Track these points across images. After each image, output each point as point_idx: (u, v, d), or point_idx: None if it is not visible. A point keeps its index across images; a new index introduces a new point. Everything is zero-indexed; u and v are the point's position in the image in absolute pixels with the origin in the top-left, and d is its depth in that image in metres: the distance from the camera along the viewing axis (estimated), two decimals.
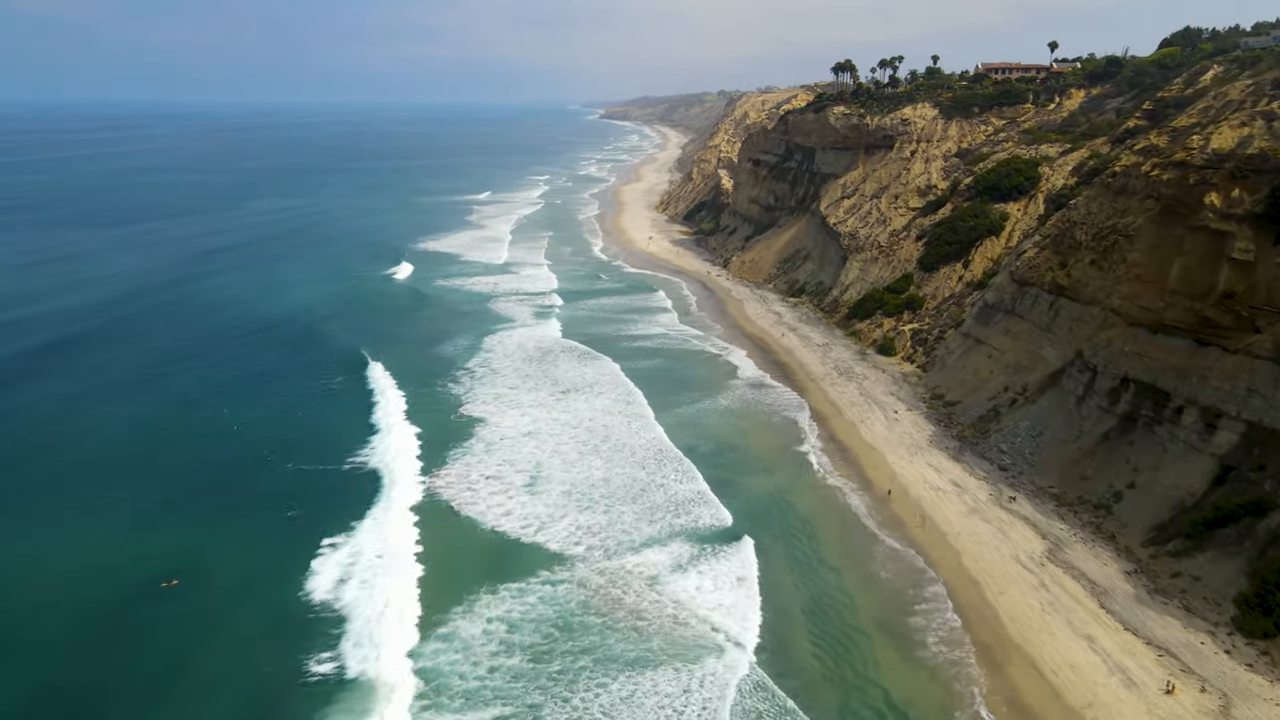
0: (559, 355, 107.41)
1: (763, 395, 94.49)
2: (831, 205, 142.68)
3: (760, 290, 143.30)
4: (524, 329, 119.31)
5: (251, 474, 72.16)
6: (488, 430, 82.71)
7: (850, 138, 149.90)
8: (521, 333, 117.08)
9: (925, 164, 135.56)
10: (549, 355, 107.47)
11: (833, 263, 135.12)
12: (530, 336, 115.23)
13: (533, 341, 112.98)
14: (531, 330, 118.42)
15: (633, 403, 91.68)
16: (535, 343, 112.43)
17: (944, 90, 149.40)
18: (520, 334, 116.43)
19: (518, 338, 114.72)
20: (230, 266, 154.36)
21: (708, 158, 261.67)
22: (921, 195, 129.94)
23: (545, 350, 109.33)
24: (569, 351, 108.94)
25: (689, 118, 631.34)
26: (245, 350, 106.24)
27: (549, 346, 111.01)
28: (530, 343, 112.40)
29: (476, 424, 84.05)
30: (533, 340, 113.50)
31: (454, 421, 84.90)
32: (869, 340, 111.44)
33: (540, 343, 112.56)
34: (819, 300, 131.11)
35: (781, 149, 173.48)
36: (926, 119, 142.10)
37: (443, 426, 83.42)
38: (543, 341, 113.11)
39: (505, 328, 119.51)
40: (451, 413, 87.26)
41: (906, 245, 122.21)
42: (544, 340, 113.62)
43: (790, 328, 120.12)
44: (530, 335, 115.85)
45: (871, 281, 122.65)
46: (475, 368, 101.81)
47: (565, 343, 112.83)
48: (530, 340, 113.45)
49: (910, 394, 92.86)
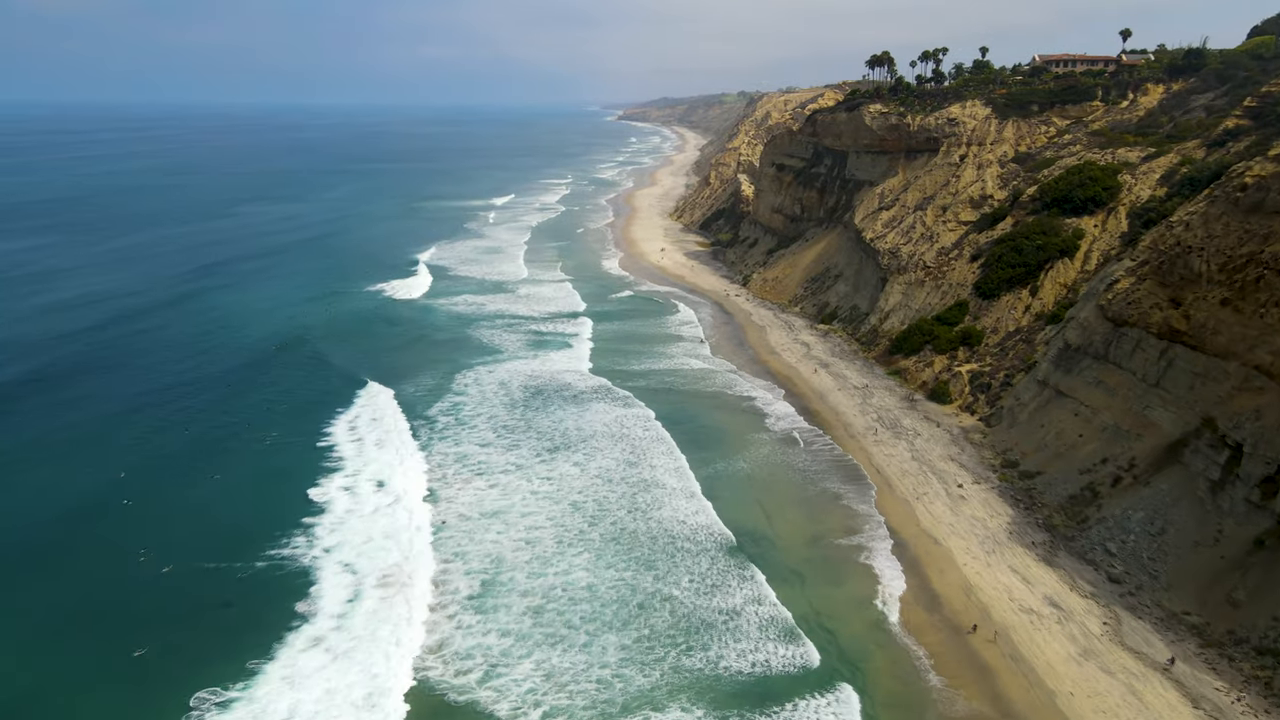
0: (548, 399, 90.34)
1: (793, 457, 76.91)
2: (868, 217, 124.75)
3: (785, 314, 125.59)
4: (511, 362, 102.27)
5: (117, 580, 55.35)
6: (440, 510, 65.70)
7: (888, 140, 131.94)
8: (507, 368, 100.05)
9: (978, 170, 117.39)
10: (536, 398, 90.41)
11: (869, 284, 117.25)
12: (517, 373, 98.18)
13: (519, 379, 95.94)
14: (519, 365, 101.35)
15: (637, 464, 74.59)
16: (522, 381, 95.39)
17: (996, 86, 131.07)
18: (506, 370, 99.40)
19: (502, 374, 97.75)
20: (204, 289, 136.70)
21: (726, 161, 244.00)
22: (975, 207, 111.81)
23: (533, 392, 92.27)
24: (560, 394, 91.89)
25: (708, 119, 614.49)
26: (189, 401, 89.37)
27: (538, 387, 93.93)
28: (516, 381, 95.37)
29: (420, 503, 67.11)
30: (519, 378, 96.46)
31: (394, 494, 68.04)
32: (916, 382, 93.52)
33: (528, 382, 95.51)
34: (854, 329, 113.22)
35: (809, 152, 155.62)
36: (977, 119, 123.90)
37: (379, 509, 66.54)
38: (531, 380, 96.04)
39: (488, 361, 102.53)
40: (399, 483, 70.41)
41: (959, 266, 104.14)
42: (532, 379, 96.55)
43: (822, 363, 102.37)
44: (517, 372, 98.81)
45: (917, 309, 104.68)
46: (440, 415, 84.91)
47: (557, 382, 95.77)
48: (516, 378, 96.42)
49: (974, 458, 74.96)
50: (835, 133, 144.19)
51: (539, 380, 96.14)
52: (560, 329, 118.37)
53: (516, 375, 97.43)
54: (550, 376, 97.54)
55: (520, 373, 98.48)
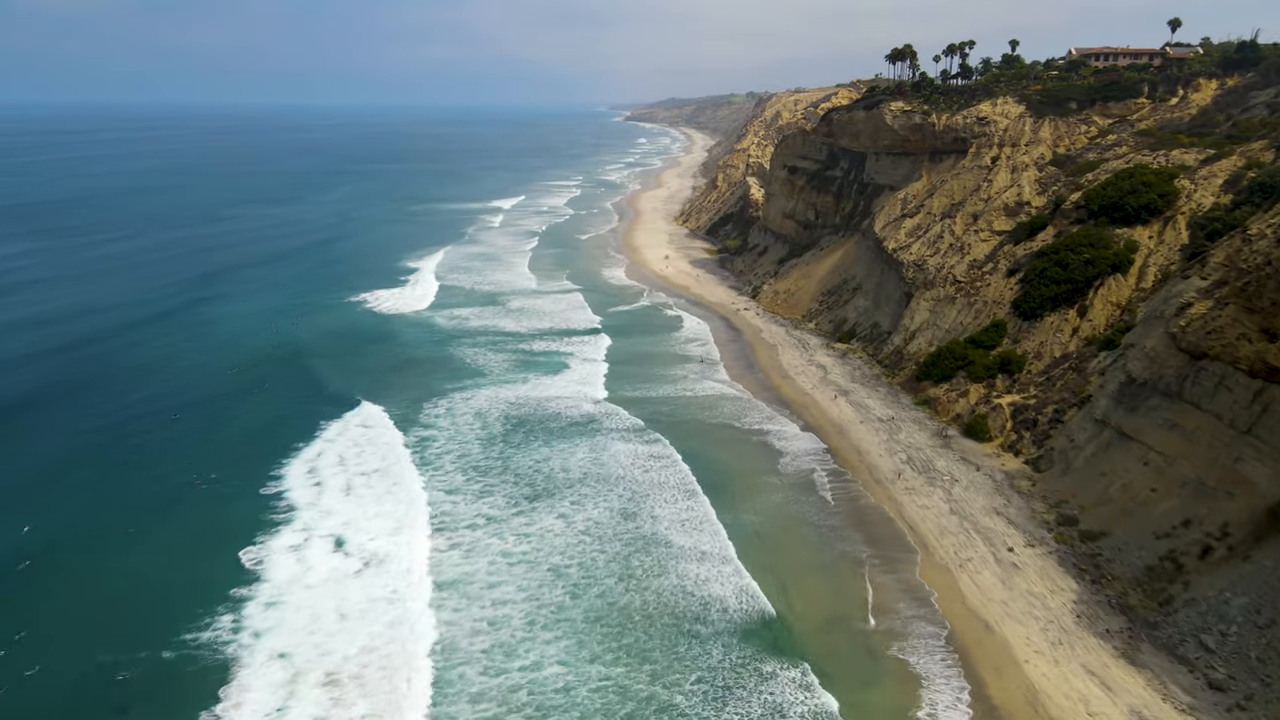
0: (533, 432, 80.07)
1: (810, 508, 66.33)
2: (889, 225, 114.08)
3: (798, 331, 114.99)
4: (493, 388, 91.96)
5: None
6: (384, 577, 55.41)
7: (911, 140, 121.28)
8: (488, 395, 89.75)
9: (1012, 174, 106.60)
10: (518, 432, 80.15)
11: (892, 300, 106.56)
12: (499, 401, 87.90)
13: (500, 409, 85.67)
14: (503, 392, 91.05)
15: (634, 516, 64.50)
16: (503, 411, 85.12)
17: (1030, 81, 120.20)
18: (486, 397, 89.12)
19: (482, 401, 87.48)
20: (178, 306, 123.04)
21: (734, 163, 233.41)
22: (1010, 215, 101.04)
23: (515, 424, 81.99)
24: (548, 426, 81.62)
25: (716, 119, 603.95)
26: (131, 436, 78.94)
27: (521, 417, 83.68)
28: (496, 411, 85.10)
29: (367, 568, 56.84)
30: (500, 407, 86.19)
31: (345, 554, 57.81)
32: (949, 414, 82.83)
33: (511, 411, 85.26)
34: (875, 349, 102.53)
35: (823, 154, 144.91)
36: (1010, 117, 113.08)
37: (332, 576, 56.34)
38: (514, 409, 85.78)
39: (469, 387, 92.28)
40: (348, 535, 60.20)
41: (994, 282, 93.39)
42: (516, 408, 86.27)
43: (841, 389, 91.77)
44: (499, 399, 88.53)
45: (947, 329, 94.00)
46: (413, 448, 74.73)
47: (544, 412, 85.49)
48: (497, 407, 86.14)
49: (1024, 511, 64.26)
50: (852, 133, 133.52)
51: (524, 409, 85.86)
52: (554, 348, 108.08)
53: (498, 404, 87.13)
54: (537, 405, 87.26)
55: (504, 401, 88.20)
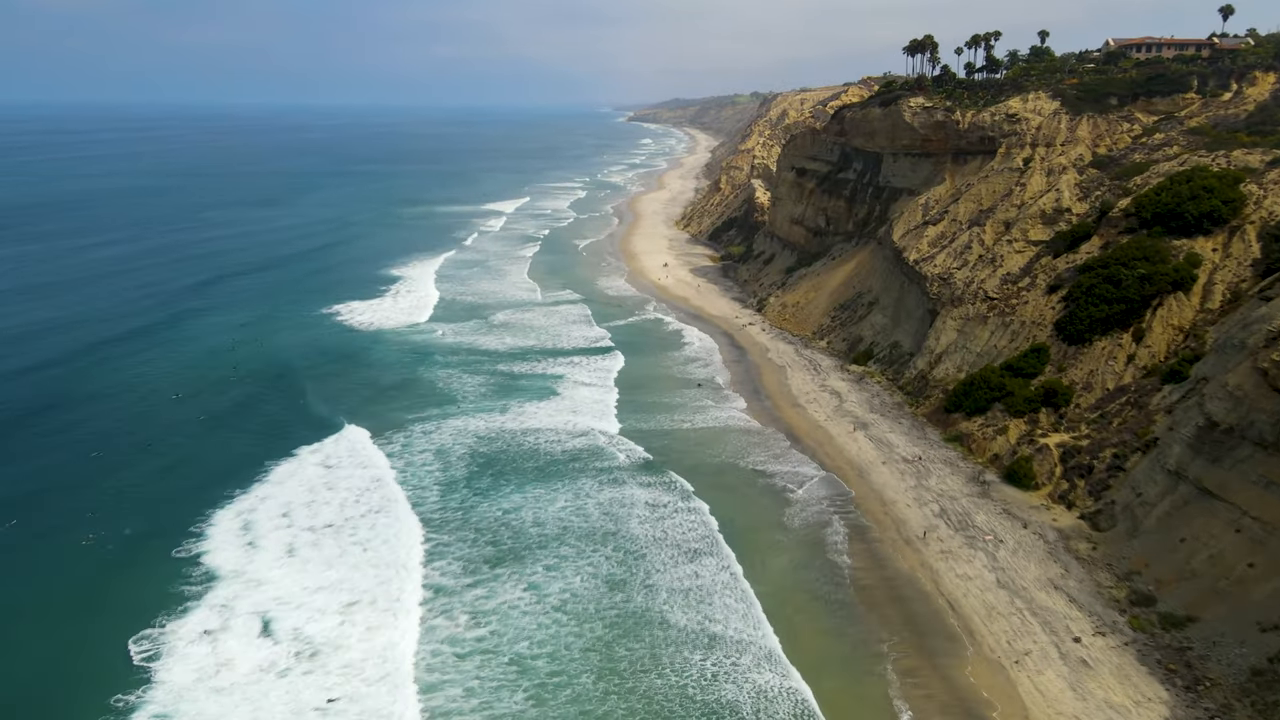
0: (502, 473, 69.35)
1: (827, 578, 55.51)
2: (910, 234, 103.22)
3: (809, 351, 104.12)
4: (463, 418, 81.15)
5: None
6: (321, 675, 44.67)
7: (933, 140, 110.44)
8: (456, 426, 78.95)
9: (1048, 177, 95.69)
10: (489, 472, 69.48)
11: (913, 317, 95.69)
12: (466, 434, 77.13)
13: (466, 444, 74.92)
14: (472, 422, 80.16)
15: (624, 585, 53.99)
16: (469, 446, 74.37)
17: (1065, 75, 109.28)
18: (453, 429, 78.32)
19: (445, 436, 76.72)
20: (141, 328, 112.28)
21: (739, 164, 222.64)
22: (1047, 223, 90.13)
23: (483, 462, 71.24)
24: (520, 464, 70.92)
25: (720, 120, 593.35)
26: (37, 481, 69.31)
27: (490, 455, 72.96)
28: (461, 447, 74.35)
29: (298, 662, 46.09)
30: (466, 441, 75.43)
31: (271, 641, 47.12)
32: (985, 454, 71.91)
33: (478, 446, 74.54)
34: (895, 373, 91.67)
35: (835, 155, 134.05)
36: (1043, 114, 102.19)
37: (251, 675, 45.65)
38: (483, 444, 75.05)
39: (433, 417, 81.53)
40: (272, 621, 49.53)
41: (1033, 299, 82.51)
42: (485, 442, 75.51)
43: (859, 421, 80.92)
44: (467, 432, 77.75)
45: (979, 353, 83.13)
46: (387, 491, 64.08)
47: (521, 447, 74.75)
48: (462, 441, 75.39)
49: (1087, 585, 53.34)
50: (867, 131, 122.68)
51: (496, 445, 75.16)
52: (539, 370, 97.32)
53: (466, 438, 76.36)
54: (514, 439, 76.53)
55: (474, 434, 77.48)
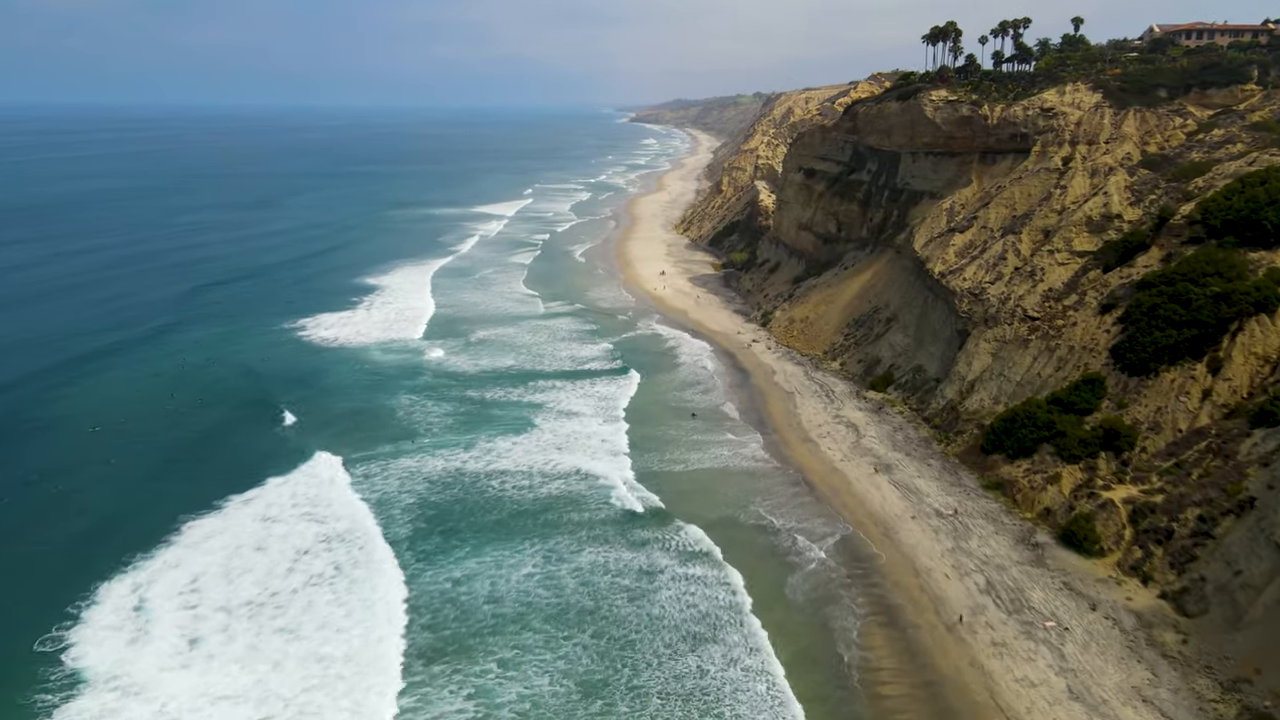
0: (453, 531, 58.08)
1: (851, 696, 44.19)
2: (933, 242, 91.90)
3: (820, 373, 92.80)
4: (415, 457, 69.79)
5: None
6: None
7: (957, 137, 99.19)
8: (405, 467, 67.71)
9: (1092, 179, 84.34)
10: (433, 530, 58.25)
11: (939, 337, 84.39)
12: (418, 476, 65.89)
13: (415, 491, 63.73)
14: (426, 462, 68.82)
15: (602, 690, 42.96)
16: (418, 496, 63.14)
17: (1106, 65, 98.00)
18: (402, 471, 67.09)
19: (393, 481, 65.47)
20: (103, 348, 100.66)
21: (741, 165, 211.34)
22: (1094, 231, 78.80)
23: (433, 517, 60.01)
24: (474, 518, 59.69)
25: (722, 120, 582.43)
26: None
27: (442, 507, 61.72)
28: (408, 495, 63.15)
29: None
30: (416, 488, 64.21)
31: None
32: (1034, 506, 60.54)
33: (429, 494, 63.33)
34: (920, 402, 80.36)
35: (847, 154, 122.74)
36: (1083, 108, 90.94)
37: None
38: (435, 490, 63.86)
39: (386, 456, 70.22)
40: None
41: (1083, 320, 71.16)
42: (436, 488, 64.27)
43: (880, 461, 69.57)
44: (419, 473, 66.47)
45: (1019, 381, 71.78)
46: (325, 556, 52.87)
47: (483, 493, 63.53)
48: (411, 488, 64.18)
49: (1185, 698, 41.91)
50: (883, 128, 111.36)
51: (459, 489, 64.02)
52: (516, 397, 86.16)
53: (417, 481, 65.17)
54: (478, 483, 65.36)
55: (431, 476, 66.26)
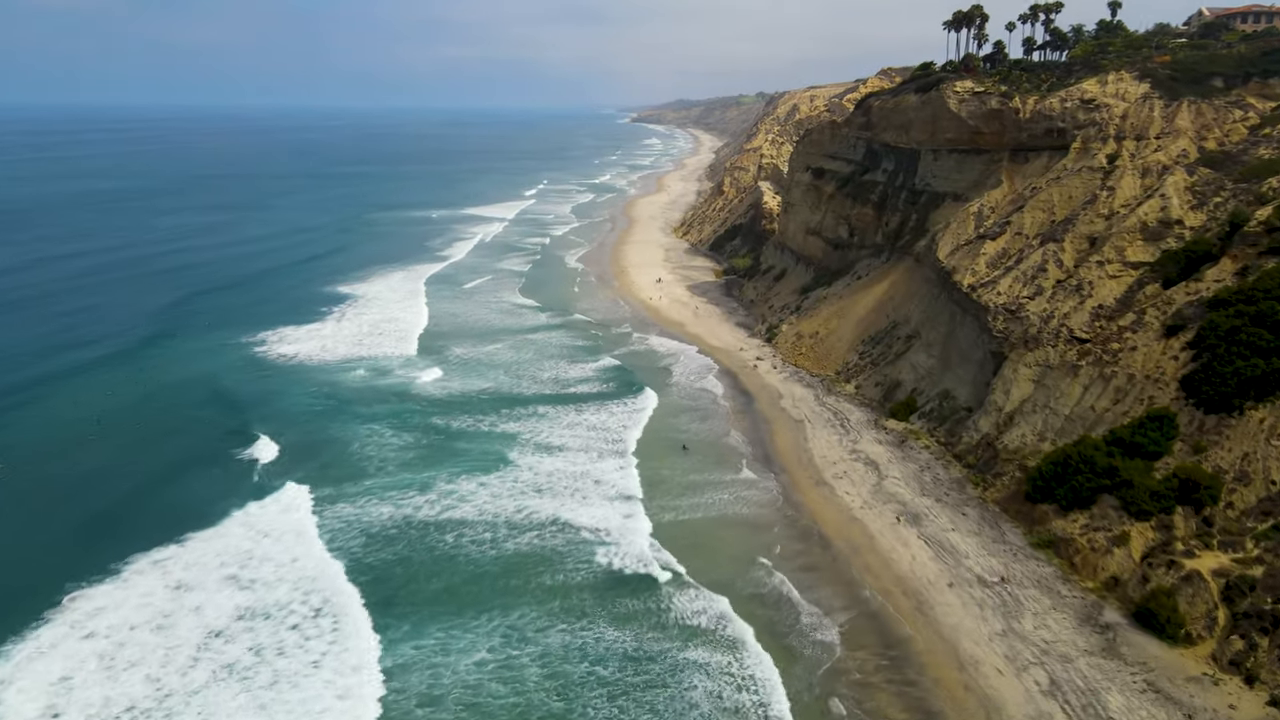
0: (390, 602, 47.96)
1: None
2: (960, 250, 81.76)
3: (832, 397, 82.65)
4: (359, 502, 59.73)
5: None
6: None
7: (985, 132, 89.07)
8: (343, 514, 57.53)
9: (1143, 179, 74.15)
10: (369, 601, 48.15)
11: (969, 359, 74.17)
12: (356, 525, 55.78)
13: (358, 536, 53.64)
14: (373, 509, 58.78)
15: None
16: (361, 545, 53.12)
17: (1154, 51, 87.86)
18: (340, 517, 56.97)
19: (329, 534, 55.38)
20: (37, 377, 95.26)
21: (744, 164, 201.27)
22: (1151, 239, 68.59)
23: (366, 591, 49.90)
24: (419, 586, 49.59)
25: (724, 120, 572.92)
26: None
27: (369, 585, 51.64)
28: (353, 535, 53.06)
29: None
30: (358, 535, 54.12)
31: None
32: (1096, 573, 50.33)
33: (364, 554, 53.27)
34: (949, 434, 70.16)
35: (860, 152, 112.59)
36: (1129, 99, 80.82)
37: None
38: (374, 549, 53.74)
39: (329, 500, 60.09)
40: None
41: (1144, 344, 60.99)
42: (372, 544, 54.16)
43: (906, 509, 59.41)
44: (358, 521, 56.36)
45: (1067, 413, 61.62)
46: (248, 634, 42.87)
47: (427, 551, 53.40)
48: (354, 534, 54.09)
49: None
50: (900, 123, 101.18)
51: (404, 545, 53.92)
52: (486, 425, 76.16)
53: (353, 536, 55.12)
54: (429, 536, 55.26)
55: (370, 530, 56.24)
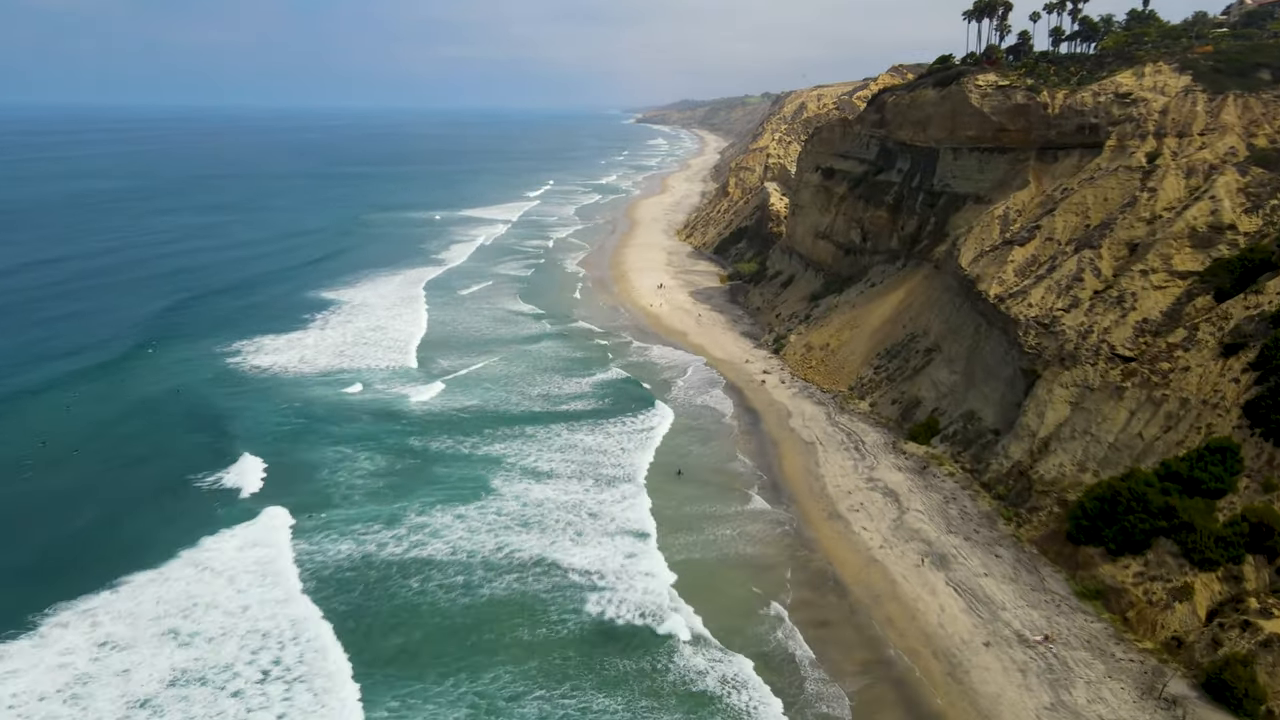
0: (337, 673, 41.82)
1: None
2: (984, 257, 75.36)
3: (845, 416, 76.29)
4: (304, 539, 53.58)
5: None
6: None
7: (1010, 129, 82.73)
8: (301, 550, 51.41)
9: (1188, 179, 67.71)
10: (327, 657, 42.01)
11: (997, 377, 67.76)
12: (308, 564, 49.61)
13: (309, 580, 47.46)
14: (321, 546, 52.55)
15: None
16: (313, 590, 46.93)
17: (1194, 42, 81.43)
18: (299, 555, 50.76)
19: (291, 578, 49.17)
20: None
21: (750, 165, 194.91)
22: (1200, 246, 62.16)
23: (326, 648, 43.79)
24: (376, 645, 43.41)
25: (729, 121, 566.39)
26: None
27: (340, 620, 45.48)
28: (304, 579, 46.91)
29: None
30: (310, 580, 47.95)
31: None
32: (1155, 630, 43.93)
33: (321, 603, 47.13)
34: (975, 460, 63.78)
35: (873, 151, 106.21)
36: (1168, 93, 74.43)
37: None
38: (325, 593, 47.58)
39: (297, 531, 54.02)
40: None
41: (1197, 363, 54.58)
42: (322, 590, 48.00)
43: (934, 551, 53.09)
44: (310, 559, 50.19)
45: (1111, 441, 55.23)
46: None
47: (389, 600, 47.25)
48: (305, 577, 47.90)
49: None
50: (917, 120, 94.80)
51: (359, 590, 47.70)
52: (467, 448, 70.05)
53: (309, 570, 48.92)
54: (382, 581, 49.07)
55: (348, 566, 50.04)
